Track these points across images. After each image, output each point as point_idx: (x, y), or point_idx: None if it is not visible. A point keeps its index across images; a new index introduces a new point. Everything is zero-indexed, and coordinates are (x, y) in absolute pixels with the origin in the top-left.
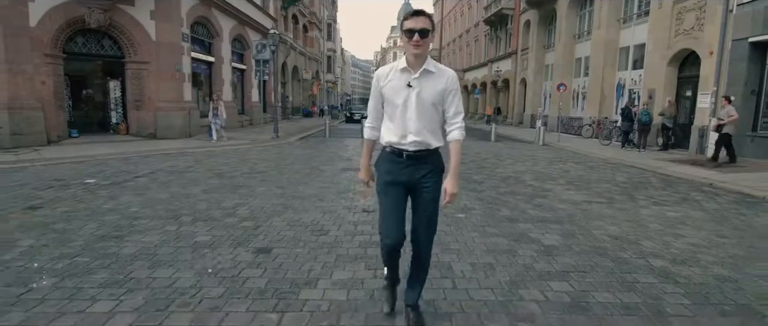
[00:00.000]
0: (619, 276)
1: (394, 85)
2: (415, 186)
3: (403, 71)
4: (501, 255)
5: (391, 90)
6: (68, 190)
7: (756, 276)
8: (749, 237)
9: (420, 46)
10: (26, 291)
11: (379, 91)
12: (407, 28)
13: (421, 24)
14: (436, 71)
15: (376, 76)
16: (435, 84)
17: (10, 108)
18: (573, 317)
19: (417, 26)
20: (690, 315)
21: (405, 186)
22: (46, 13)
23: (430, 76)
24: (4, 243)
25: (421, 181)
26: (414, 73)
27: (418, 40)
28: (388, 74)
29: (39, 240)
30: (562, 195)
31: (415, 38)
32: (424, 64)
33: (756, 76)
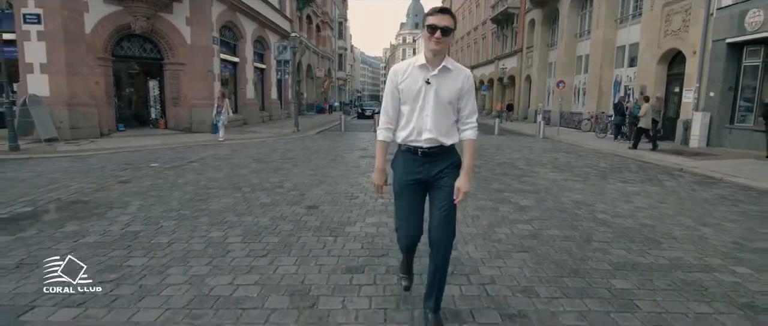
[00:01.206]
0: (569, 222)
1: (411, 81)
2: (432, 183)
3: (421, 68)
4: (485, 211)
5: (408, 86)
6: (141, 171)
7: (671, 224)
8: (687, 204)
9: (441, 43)
10: (158, 228)
11: (396, 86)
12: (430, 24)
13: (444, 22)
14: (454, 69)
15: (393, 72)
16: (453, 82)
17: (69, 105)
18: (526, 240)
19: (440, 23)
20: (610, 245)
21: (422, 184)
22: (98, 21)
23: (449, 74)
24: (122, 203)
25: (438, 176)
26: (432, 70)
27: (439, 37)
28: (405, 70)
29: (145, 202)
30: (546, 176)
31: (436, 35)
32: (443, 62)
33: (733, 73)
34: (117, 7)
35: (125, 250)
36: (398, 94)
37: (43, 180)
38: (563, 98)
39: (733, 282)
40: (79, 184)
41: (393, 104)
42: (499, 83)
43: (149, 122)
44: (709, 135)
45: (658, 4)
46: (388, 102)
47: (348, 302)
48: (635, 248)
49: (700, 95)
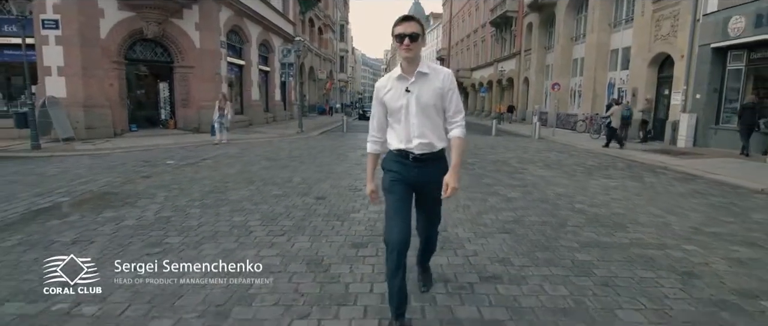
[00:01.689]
0: (549, 211)
1: (393, 93)
2: (421, 189)
3: (399, 78)
4: (476, 201)
5: (391, 98)
6: (159, 168)
7: (640, 213)
8: (661, 197)
9: (411, 50)
10: (186, 214)
11: (381, 101)
12: (398, 34)
13: (411, 28)
14: (430, 71)
15: (376, 88)
16: (431, 84)
17: (85, 106)
18: (509, 225)
19: (407, 31)
20: (581, 229)
21: (411, 186)
22: (113, 26)
23: (426, 78)
24: (149, 195)
25: (427, 185)
26: (410, 77)
27: (408, 44)
28: (386, 84)
29: (170, 193)
30: (536, 172)
31: (405, 42)
32: (418, 67)
33: (717, 76)
34: (130, 12)
35: (161, 231)
36: (383, 107)
37: (70, 175)
38: (559, 100)
39: (680, 257)
40: (106, 179)
41: (379, 117)
42: (498, 85)
43: (159, 123)
44: (696, 135)
45: (648, 9)
46: (374, 115)
47: (355, 268)
48: (603, 231)
49: (687, 97)
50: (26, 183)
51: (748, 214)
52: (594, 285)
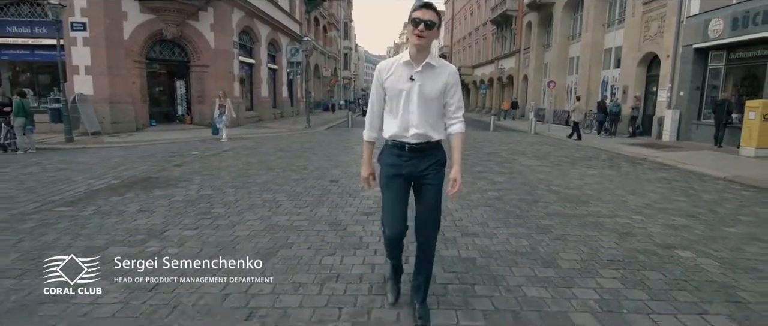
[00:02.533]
0: (527, 191)
1: (396, 78)
2: (418, 179)
3: (405, 64)
4: (466, 184)
5: (393, 83)
6: (186, 158)
7: (606, 193)
8: (630, 182)
9: (423, 37)
10: (223, 193)
11: (381, 84)
12: (415, 18)
13: (428, 15)
14: (438, 65)
15: (378, 69)
16: (437, 78)
17: (110, 102)
18: (491, 201)
19: (424, 17)
20: (551, 204)
21: (407, 179)
22: (135, 28)
23: (433, 71)
24: (186, 179)
25: (424, 174)
26: (416, 66)
27: (422, 30)
28: (390, 67)
29: (203, 178)
30: (524, 162)
31: (420, 28)
32: (427, 58)
33: (699, 75)
34: (151, 15)
35: (207, 204)
36: (383, 91)
37: (110, 163)
38: (556, 97)
39: (624, 223)
40: (143, 166)
41: (378, 102)
42: (498, 82)
43: (176, 118)
44: (679, 130)
45: (638, 10)
46: (374, 100)
47: (366, 227)
48: (568, 206)
49: (672, 94)
50: (76, 170)
51: (700, 195)
52: (548, 240)
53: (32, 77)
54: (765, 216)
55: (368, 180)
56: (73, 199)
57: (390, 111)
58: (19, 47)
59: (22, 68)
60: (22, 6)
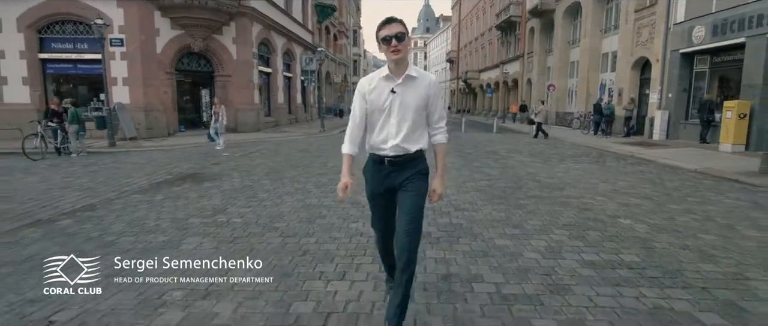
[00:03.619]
0: (514, 181)
1: (378, 92)
2: (398, 189)
3: (386, 78)
4: (463, 175)
5: (375, 97)
6: (219, 158)
7: (582, 182)
8: (608, 174)
9: (399, 52)
10: (260, 184)
11: (364, 98)
12: (383, 37)
13: (396, 29)
14: (418, 76)
15: (360, 85)
16: (418, 89)
17: (145, 110)
18: (482, 187)
19: (392, 32)
20: (531, 190)
21: (390, 193)
22: (167, 43)
23: (413, 82)
24: (226, 175)
25: (404, 184)
26: (397, 79)
27: (396, 45)
28: (371, 82)
29: (240, 174)
30: (518, 159)
31: (393, 43)
32: (407, 70)
33: (686, 78)
34: (181, 31)
35: (251, 192)
36: (365, 104)
37: (157, 163)
38: (558, 99)
39: (588, 202)
40: (186, 165)
41: (361, 115)
42: (504, 86)
43: (201, 124)
44: (668, 129)
45: (631, 18)
46: (356, 113)
47: None
48: (546, 191)
49: (662, 96)
50: (130, 169)
51: (664, 183)
52: (521, 213)
53: (73, 88)
54: (709, 197)
55: (344, 190)
56: (142, 190)
57: (371, 124)
58: (63, 62)
59: (64, 80)
60: (66, 25)
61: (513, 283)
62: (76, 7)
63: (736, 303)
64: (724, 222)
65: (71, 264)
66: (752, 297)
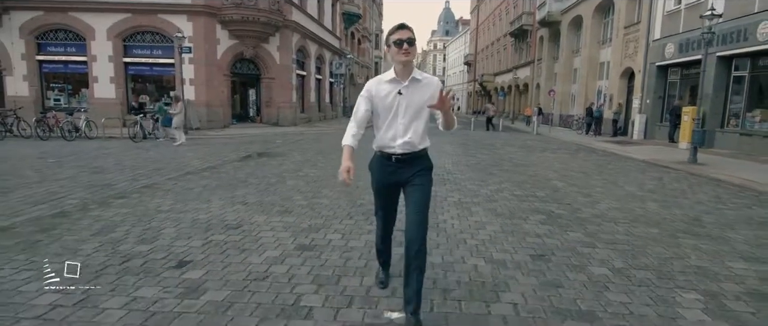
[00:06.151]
0: (495, 162)
1: (384, 94)
2: (406, 184)
3: (392, 81)
4: (459, 158)
5: (382, 99)
6: (275, 143)
7: (547, 165)
8: (573, 161)
9: (409, 54)
10: (317, 159)
11: (370, 99)
12: (396, 40)
13: (408, 34)
14: (422, 79)
15: (367, 86)
16: (423, 92)
17: (207, 106)
18: (470, 164)
19: (405, 36)
20: (508, 168)
21: (395, 187)
22: (225, 50)
23: (418, 85)
24: (287, 153)
25: (411, 178)
26: (403, 81)
27: (407, 48)
28: (378, 85)
29: (298, 153)
30: (508, 150)
31: (404, 47)
32: (412, 73)
33: (661, 87)
34: (236, 40)
35: (312, 163)
36: (370, 105)
37: (230, 147)
38: (562, 103)
39: (538, 173)
40: (253, 147)
41: (365, 114)
42: (516, 90)
43: (249, 118)
44: (646, 130)
45: (621, 33)
46: (360, 109)
47: None
48: (516, 169)
49: (641, 102)
50: (215, 149)
51: (607, 166)
52: (489, 176)
53: (148, 87)
54: (630, 174)
55: (346, 172)
56: (237, 159)
57: (379, 124)
58: (142, 65)
59: (141, 80)
60: (145, 35)
61: (469, 201)
62: (156, 21)
63: (580, 210)
64: (620, 184)
65: (241, 193)
66: (592, 207)
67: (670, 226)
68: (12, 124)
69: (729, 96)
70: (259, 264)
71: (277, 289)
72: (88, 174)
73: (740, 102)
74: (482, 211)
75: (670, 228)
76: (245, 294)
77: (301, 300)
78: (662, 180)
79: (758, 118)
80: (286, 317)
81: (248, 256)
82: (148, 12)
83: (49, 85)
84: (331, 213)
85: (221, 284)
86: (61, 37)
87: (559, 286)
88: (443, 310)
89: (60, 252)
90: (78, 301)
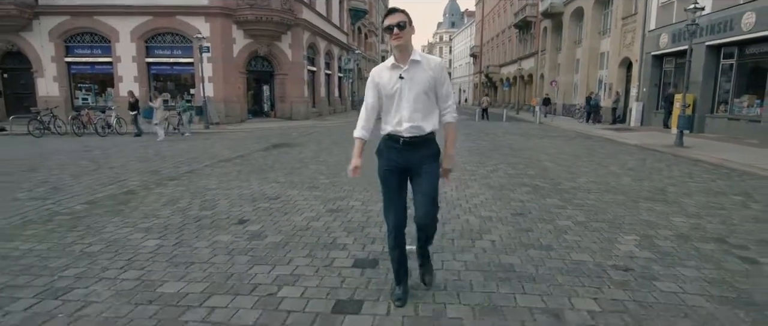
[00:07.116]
0: (495, 146)
1: (387, 80)
2: (414, 170)
3: (393, 67)
4: (462, 144)
5: (385, 85)
6: (292, 135)
7: (540, 149)
8: (567, 146)
9: (400, 38)
10: (332, 149)
11: (376, 87)
12: (387, 26)
13: (397, 19)
14: (422, 60)
15: (371, 75)
16: (424, 72)
17: (225, 101)
18: (471, 149)
19: (394, 21)
20: (504, 151)
21: (404, 172)
22: (241, 48)
23: (418, 66)
24: (304, 144)
25: (419, 164)
26: (403, 65)
27: (398, 33)
28: (381, 72)
29: (313, 144)
30: (508, 137)
31: (395, 32)
32: (411, 56)
33: (657, 76)
34: (251, 39)
35: (328, 151)
36: (377, 92)
37: (251, 139)
38: (565, 93)
39: (532, 156)
40: (272, 140)
41: (373, 103)
42: (521, 80)
43: (263, 113)
44: (643, 117)
45: (619, 24)
46: (369, 99)
47: None
48: (511, 151)
49: (638, 90)
50: (235, 142)
51: (597, 150)
52: (486, 158)
53: (168, 85)
54: (619, 156)
55: (354, 171)
56: (259, 150)
57: (386, 110)
58: (163, 64)
59: (161, 79)
60: (166, 36)
61: (467, 178)
62: (176, 23)
63: (561, 183)
64: (604, 164)
65: (272, 175)
66: (573, 182)
67: (636, 195)
68: (49, 122)
69: (718, 83)
70: (301, 221)
71: (318, 234)
72: (136, 162)
73: (729, 88)
74: (477, 185)
75: (634, 196)
76: (296, 237)
77: (337, 241)
78: (645, 161)
79: (745, 103)
80: (328, 249)
81: (291, 216)
82: (168, 14)
83: (77, 85)
84: (351, 188)
85: (276, 232)
86: (88, 40)
87: (529, 231)
88: (440, 244)
89: (144, 217)
90: (175, 244)
